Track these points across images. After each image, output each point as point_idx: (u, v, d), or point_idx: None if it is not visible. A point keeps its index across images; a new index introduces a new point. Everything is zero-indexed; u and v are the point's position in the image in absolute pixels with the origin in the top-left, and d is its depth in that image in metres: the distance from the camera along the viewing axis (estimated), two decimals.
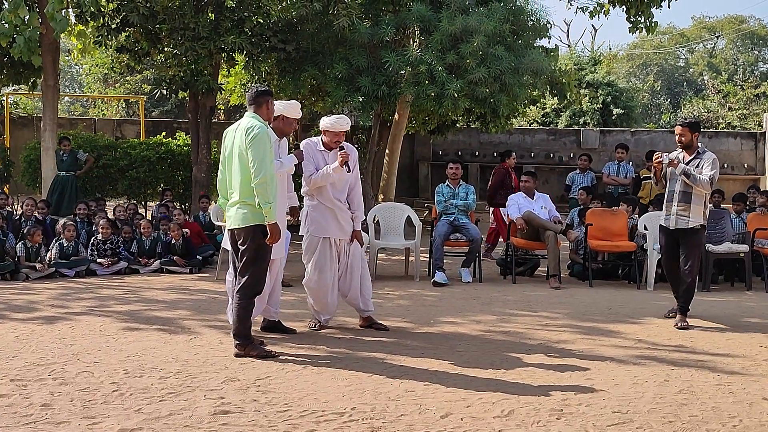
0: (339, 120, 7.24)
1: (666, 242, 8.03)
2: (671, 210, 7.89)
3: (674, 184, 7.88)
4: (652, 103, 42.41)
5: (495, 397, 5.16)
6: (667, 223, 7.94)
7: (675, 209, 7.85)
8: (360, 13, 12.82)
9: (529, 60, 12.85)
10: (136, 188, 15.90)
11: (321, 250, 7.14)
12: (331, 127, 7.21)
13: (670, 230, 7.92)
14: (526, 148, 22.41)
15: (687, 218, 7.81)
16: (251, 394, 5.15)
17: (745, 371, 5.96)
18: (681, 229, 7.85)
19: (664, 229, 8.00)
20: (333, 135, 7.25)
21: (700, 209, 7.83)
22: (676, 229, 7.87)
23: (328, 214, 7.14)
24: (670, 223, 7.91)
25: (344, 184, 7.27)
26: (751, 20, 47.53)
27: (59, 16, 11.08)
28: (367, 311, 7.39)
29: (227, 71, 17.34)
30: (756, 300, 9.44)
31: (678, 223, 7.85)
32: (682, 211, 7.81)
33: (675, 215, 7.86)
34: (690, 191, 7.79)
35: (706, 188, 7.78)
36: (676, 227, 7.86)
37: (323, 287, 7.13)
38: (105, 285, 9.80)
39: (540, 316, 8.08)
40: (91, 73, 26.59)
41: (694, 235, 7.84)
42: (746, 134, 22.97)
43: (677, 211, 7.84)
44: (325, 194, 7.15)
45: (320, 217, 7.15)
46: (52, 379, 5.44)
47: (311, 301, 7.28)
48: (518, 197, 10.93)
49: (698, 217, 7.82)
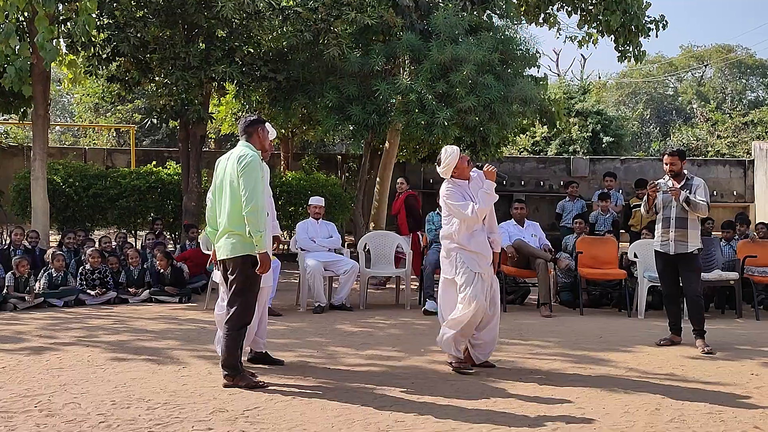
0: (444, 152, 7.01)
1: (664, 268, 8.23)
2: (669, 236, 8.08)
3: (669, 210, 8.10)
4: (642, 131, 42.61)
5: (485, 427, 5.13)
6: (666, 249, 8.11)
7: (673, 235, 8.05)
8: (350, 43, 12.89)
9: (518, 89, 12.92)
10: (126, 217, 15.84)
11: (476, 285, 6.74)
12: (451, 161, 6.95)
13: (669, 256, 8.09)
14: (516, 176, 22.44)
15: (686, 243, 8.03)
16: (240, 425, 5.11)
17: (736, 399, 5.94)
18: (681, 254, 8.05)
19: (663, 255, 8.17)
20: (460, 163, 7.00)
21: (697, 233, 8.09)
22: (676, 254, 8.05)
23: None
24: (669, 249, 8.09)
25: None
26: (738, 49, 47.92)
27: (49, 46, 11.08)
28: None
29: (218, 100, 17.39)
30: (746, 327, 9.44)
31: (677, 248, 8.04)
32: (680, 237, 8.03)
33: (673, 241, 8.05)
34: (686, 217, 8.02)
35: (706, 213, 8.08)
36: (676, 252, 8.04)
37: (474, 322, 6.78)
38: (94, 315, 9.74)
39: (531, 345, 8.06)
40: (81, 103, 26.62)
41: (693, 259, 8.08)
42: (735, 162, 23.08)
43: (675, 237, 8.04)
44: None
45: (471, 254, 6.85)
46: (39, 410, 5.38)
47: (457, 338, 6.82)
48: (509, 225, 10.93)
49: (696, 241, 8.07)
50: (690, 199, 7.97)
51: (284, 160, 20.18)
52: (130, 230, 16.15)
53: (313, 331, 8.75)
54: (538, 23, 16.95)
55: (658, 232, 8.24)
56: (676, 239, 8.04)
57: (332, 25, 12.59)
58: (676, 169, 8.17)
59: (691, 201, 7.97)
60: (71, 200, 15.33)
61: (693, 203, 7.96)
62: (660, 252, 8.20)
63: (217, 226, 6.39)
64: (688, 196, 7.99)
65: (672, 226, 8.06)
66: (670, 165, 8.18)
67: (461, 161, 6.97)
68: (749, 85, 47.06)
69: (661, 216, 8.17)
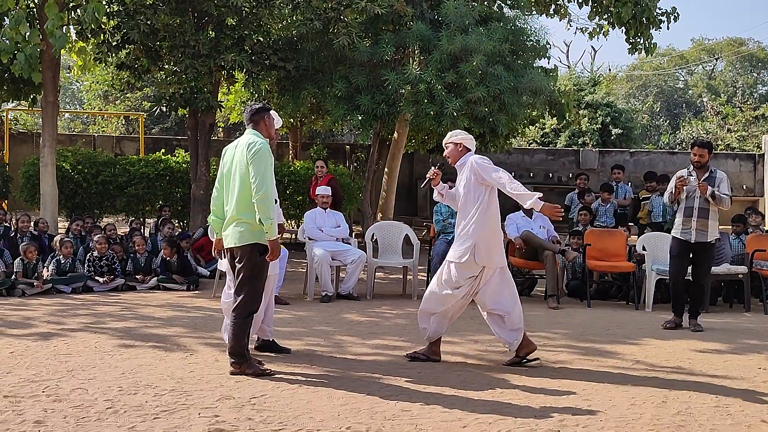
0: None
1: (680, 253, 8.69)
2: (691, 225, 8.54)
3: (692, 200, 8.56)
4: (652, 124, 42.48)
5: (491, 417, 5.12)
6: (687, 236, 8.59)
7: (695, 224, 8.52)
8: (360, 32, 12.86)
9: (528, 80, 12.89)
10: (135, 205, 15.88)
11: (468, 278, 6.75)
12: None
13: (689, 243, 8.55)
14: (525, 167, 22.43)
15: (706, 232, 8.53)
16: (246, 413, 5.11)
17: (743, 393, 5.92)
18: (700, 243, 8.54)
19: (682, 242, 8.61)
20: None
21: (716, 224, 8.62)
22: (696, 242, 8.52)
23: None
24: (690, 237, 8.55)
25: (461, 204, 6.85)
26: (750, 42, 47.70)
27: (59, 33, 11.09)
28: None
29: (227, 89, 17.40)
30: (754, 321, 9.42)
31: (698, 237, 8.53)
32: (701, 226, 8.52)
33: (695, 230, 8.53)
34: (708, 207, 8.52)
35: (728, 206, 8.56)
36: (697, 241, 8.55)
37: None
38: (101, 301, 9.77)
39: (538, 336, 8.03)
40: (91, 90, 26.64)
41: (711, 248, 8.64)
42: (745, 156, 23.01)
43: (697, 226, 8.52)
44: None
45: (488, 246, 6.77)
46: (46, 395, 5.40)
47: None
48: (517, 216, 10.91)
49: (715, 231, 8.60)
50: (716, 194, 8.42)
51: (293, 149, 20.20)
52: (139, 218, 16.19)
53: (320, 320, 8.76)
54: (549, 14, 16.89)
55: (679, 219, 8.69)
56: (698, 228, 8.52)
57: (342, 14, 12.57)
58: (703, 161, 8.60)
59: (716, 196, 8.43)
60: (80, 187, 15.38)
61: (718, 197, 8.42)
62: (680, 239, 8.63)
63: (223, 215, 6.38)
64: (714, 191, 8.41)
65: (695, 216, 8.53)
66: (699, 156, 8.60)
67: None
68: (760, 78, 46.87)
69: (684, 205, 8.62)
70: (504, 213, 7.37)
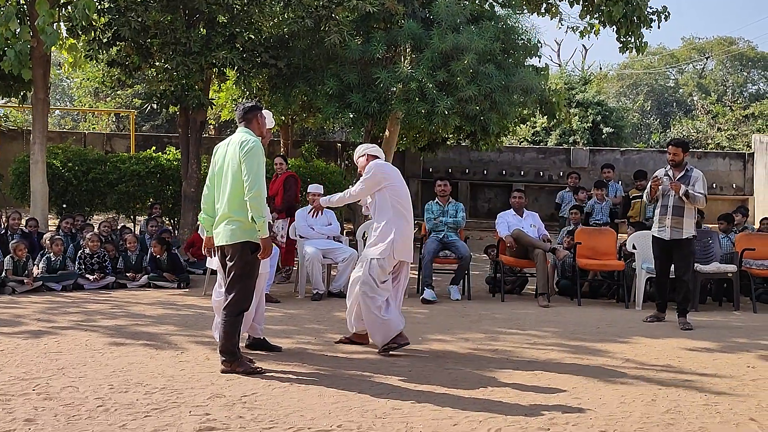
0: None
1: (660, 252, 8.89)
2: (665, 223, 8.70)
3: (667, 199, 8.69)
4: (642, 122, 42.57)
5: (482, 415, 5.14)
6: (662, 234, 8.74)
7: (669, 222, 8.66)
8: (351, 30, 12.85)
9: (519, 78, 12.91)
10: (125, 202, 15.83)
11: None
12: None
13: (665, 241, 8.71)
14: (516, 166, 22.47)
15: (681, 230, 8.66)
16: (237, 411, 5.12)
17: (732, 391, 5.96)
18: (676, 240, 8.69)
19: (659, 240, 8.80)
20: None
21: (691, 221, 8.74)
22: (671, 240, 8.65)
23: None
24: (665, 234, 8.70)
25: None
26: (740, 42, 47.81)
27: (50, 30, 11.05)
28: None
29: (218, 86, 17.35)
30: (744, 320, 9.46)
31: (673, 234, 8.69)
32: (676, 224, 8.65)
33: (669, 227, 8.67)
34: (682, 205, 8.62)
35: (703, 205, 8.71)
36: (672, 238, 8.64)
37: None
38: (92, 299, 9.75)
39: (528, 335, 8.08)
40: (81, 87, 26.60)
41: (688, 244, 8.73)
42: (735, 155, 23.09)
43: (671, 224, 8.66)
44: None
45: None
46: (36, 393, 5.39)
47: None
48: (507, 215, 10.94)
49: (690, 228, 8.71)
50: (689, 193, 8.54)
51: (284, 147, 20.18)
52: (129, 215, 16.15)
53: (311, 318, 8.77)
54: (540, 13, 16.90)
55: (656, 218, 8.85)
56: (673, 226, 8.66)
57: (333, 11, 12.55)
58: (678, 159, 8.77)
59: (690, 194, 8.56)
60: (70, 184, 15.32)
61: (692, 196, 8.55)
62: (657, 237, 8.82)
63: (213, 213, 6.38)
64: (687, 190, 8.51)
65: (669, 214, 8.68)
66: (673, 155, 8.77)
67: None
68: (750, 77, 47.00)
69: (660, 204, 8.76)
70: (495, 212, 7.45)
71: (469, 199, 21.55)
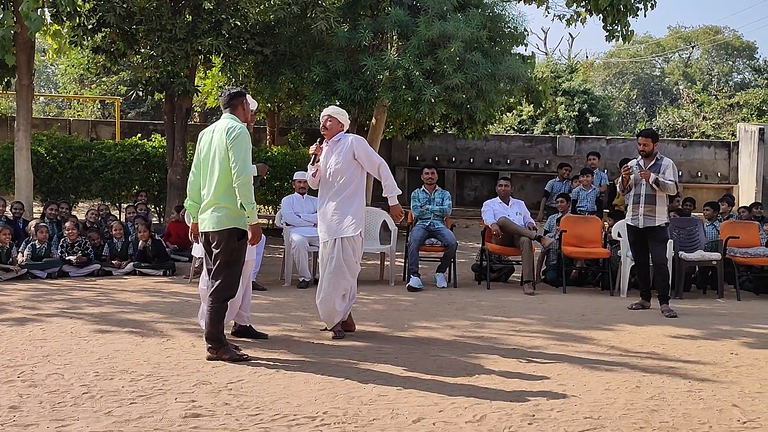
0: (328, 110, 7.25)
1: (635, 240, 9.10)
2: (638, 211, 8.87)
3: (640, 188, 8.88)
4: (628, 111, 42.67)
5: (467, 402, 5.16)
6: (636, 222, 8.92)
7: (642, 210, 8.83)
8: (338, 17, 12.81)
9: (505, 67, 12.91)
10: (111, 190, 15.76)
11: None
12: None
13: (639, 229, 8.88)
14: (503, 154, 22.45)
15: (654, 217, 8.82)
16: (223, 398, 5.12)
17: (715, 378, 6.00)
18: (649, 227, 8.85)
19: (633, 228, 8.99)
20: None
21: (664, 209, 8.89)
22: (644, 227, 8.82)
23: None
24: (638, 222, 8.88)
25: (333, 179, 7.07)
26: (726, 31, 48.00)
27: (34, 15, 10.96)
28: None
29: (204, 73, 17.28)
30: (727, 308, 9.52)
31: (646, 222, 8.85)
32: (648, 212, 8.81)
33: (642, 215, 8.84)
34: (654, 194, 8.79)
35: (674, 192, 8.90)
36: (645, 226, 8.86)
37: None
38: (77, 287, 9.72)
39: (514, 322, 8.10)
40: (66, 74, 26.39)
41: (661, 231, 8.89)
42: (720, 143, 23.16)
43: (644, 212, 8.83)
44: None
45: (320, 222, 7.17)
46: (21, 381, 5.38)
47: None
48: (494, 203, 10.96)
49: (663, 216, 8.87)
50: (659, 181, 8.74)
51: (270, 134, 20.10)
52: (114, 203, 16.08)
53: (297, 305, 8.77)
54: (527, 1, 16.86)
55: (629, 207, 9.02)
56: (645, 214, 8.82)
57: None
58: (648, 149, 8.94)
59: (659, 182, 8.74)
60: (55, 171, 15.24)
61: (662, 184, 8.74)
62: (631, 225, 9.00)
63: (199, 199, 6.36)
64: (657, 178, 8.75)
65: (642, 202, 8.85)
66: (643, 145, 8.96)
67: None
68: (735, 66, 47.14)
69: (633, 193, 8.93)
70: (481, 200, 7.44)
71: (456, 187, 21.53)
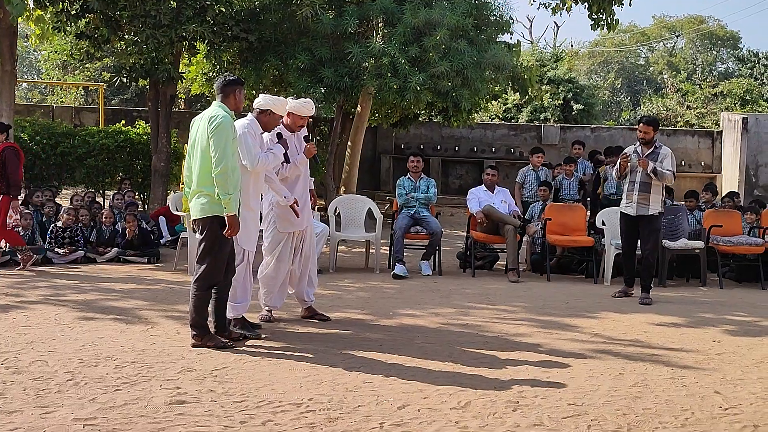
0: (305, 104, 7.12)
1: (627, 227, 9.01)
2: (633, 198, 8.80)
3: (635, 175, 8.78)
4: (613, 100, 42.79)
5: (452, 389, 5.18)
6: (629, 210, 8.85)
7: (636, 197, 8.76)
8: (323, 4, 12.76)
9: (491, 55, 12.90)
10: (94, 177, 15.67)
11: (285, 244, 7.08)
12: (297, 110, 7.08)
13: (632, 217, 8.81)
14: (488, 142, 22.49)
15: (647, 206, 8.76)
16: (208, 385, 5.12)
17: (698, 365, 6.05)
18: (642, 216, 8.79)
19: (626, 216, 8.92)
20: (297, 119, 7.13)
21: (659, 198, 8.81)
22: (637, 215, 8.75)
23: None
24: (631, 210, 8.80)
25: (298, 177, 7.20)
26: (710, 20, 48.12)
27: (16, 0, 10.86)
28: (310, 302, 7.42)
29: (188, 60, 17.14)
30: (710, 296, 9.59)
31: (639, 210, 8.79)
32: (642, 200, 8.74)
33: (636, 203, 8.76)
34: (649, 182, 8.70)
35: (671, 182, 8.80)
36: (638, 214, 8.74)
37: (279, 278, 7.11)
38: (61, 274, 9.67)
39: (498, 309, 8.14)
40: (49, 60, 26.08)
41: (654, 220, 8.82)
42: (704, 133, 23.27)
43: (638, 199, 8.75)
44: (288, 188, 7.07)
45: (285, 212, 7.04)
46: (5, 368, 5.36)
47: (264, 291, 7.20)
48: (479, 191, 10.98)
49: (657, 204, 8.80)
50: (657, 170, 8.61)
51: None
52: (98, 190, 16.00)
53: None
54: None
55: (624, 194, 8.97)
56: (639, 202, 8.76)
57: None
58: (648, 137, 8.82)
59: (658, 171, 8.66)
60: (38, 158, 15.12)
61: (660, 173, 8.63)
62: (624, 213, 8.94)
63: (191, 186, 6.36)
64: (655, 167, 8.60)
65: (636, 190, 8.78)
66: (644, 133, 8.82)
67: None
68: (719, 56, 47.29)
69: (628, 180, 8.86)
70: (466, 188, 7.44)
71: (441, 175, 21.55)
